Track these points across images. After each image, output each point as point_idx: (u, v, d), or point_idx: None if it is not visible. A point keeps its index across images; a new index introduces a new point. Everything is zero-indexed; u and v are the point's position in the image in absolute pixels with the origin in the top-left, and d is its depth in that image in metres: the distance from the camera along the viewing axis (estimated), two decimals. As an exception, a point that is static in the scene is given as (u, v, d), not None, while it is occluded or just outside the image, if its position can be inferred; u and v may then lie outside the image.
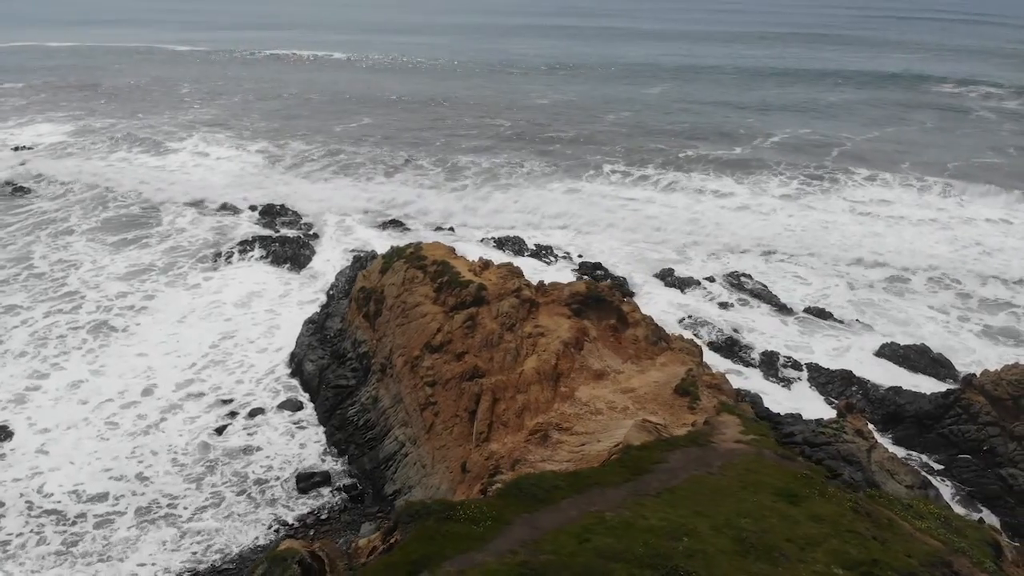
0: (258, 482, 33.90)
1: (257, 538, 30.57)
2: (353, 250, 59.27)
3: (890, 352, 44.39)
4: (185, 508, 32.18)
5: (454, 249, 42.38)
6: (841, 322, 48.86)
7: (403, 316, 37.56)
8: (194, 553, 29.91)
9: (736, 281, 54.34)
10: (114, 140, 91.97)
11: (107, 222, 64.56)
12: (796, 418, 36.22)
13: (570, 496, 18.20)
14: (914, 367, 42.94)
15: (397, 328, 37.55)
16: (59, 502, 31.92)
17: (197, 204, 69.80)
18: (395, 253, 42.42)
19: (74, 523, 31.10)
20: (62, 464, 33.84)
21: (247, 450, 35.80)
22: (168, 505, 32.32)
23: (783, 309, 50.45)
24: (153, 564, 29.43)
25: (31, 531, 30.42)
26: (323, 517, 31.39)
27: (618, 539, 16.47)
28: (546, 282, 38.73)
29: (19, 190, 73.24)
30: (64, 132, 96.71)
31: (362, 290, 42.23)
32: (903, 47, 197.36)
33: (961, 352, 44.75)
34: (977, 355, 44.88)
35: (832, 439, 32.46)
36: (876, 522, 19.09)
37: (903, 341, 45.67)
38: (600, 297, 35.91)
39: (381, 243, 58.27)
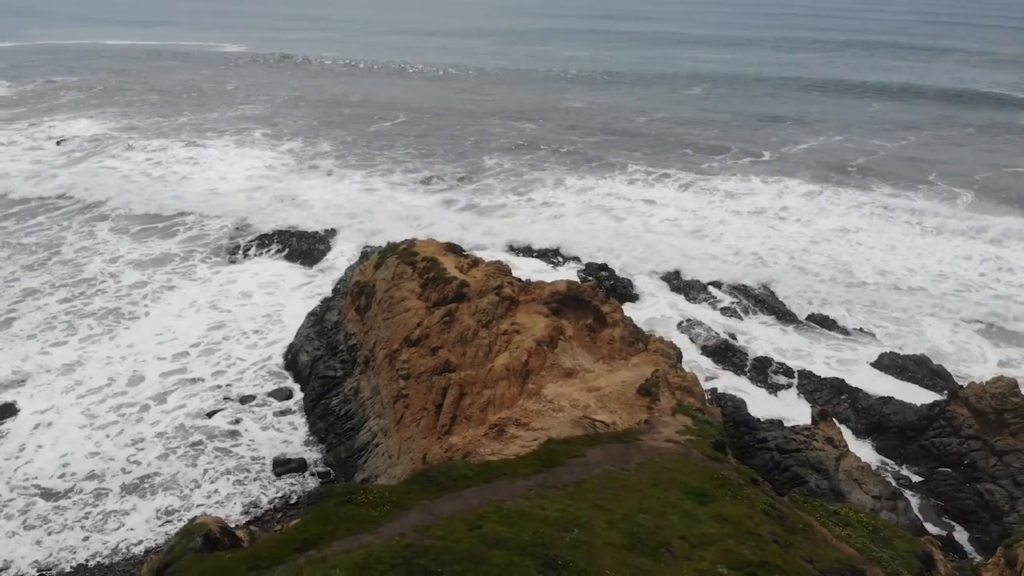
0: (240, 466, 35.02)
1: (229, 517, 31.69)
2: (365, 246, 60.42)
3: (888, 362, 43.52)
4: (168, 488, 33.43)
5: (447, 246, 43.05)
6: (844, 330, 48.12)
7: (389, 310, 38.37)
8: (172, 530, 31.12)
9: (742, 287, 53.77)
10: (155, 134, 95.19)
11: (134, 213, 66.85)
12: (773, 424, 36.04)
13: (476, 485, 18.61)
14: (911, 378, 42.01)
15: (382, 322, 38.37)
16: (48, 479, 33.44)
17: (223, 198, 71.78)
18: (390, 249, 43.29)
19: (64, 497, 32.56)
20: (54, 444, 35.40)
21: (233, 434, 36.98)
22: (153, 484, 33.59)
23: (786, 316, 49.84)
24: (140, 540, 30.71)
25: (20, 499, 31.98)
26: (292, 501, 32.36)
27: (509, 527, 16.85)
28: (546, 282, 38.87)
29: (56, 180, 76.38)
30: (109, 126, 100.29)
31: (357, 284, 43.19)
32: (958, 54, 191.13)
33: (966, 365, 43.66)
34: (983, 370, 43.70)
35: (802, 446, 32.33)
36: (788, 526, 19.05)
37: (905, 352, 44.78)
38: (579, 297, 36.11)
39: (395, 239, 59.27)
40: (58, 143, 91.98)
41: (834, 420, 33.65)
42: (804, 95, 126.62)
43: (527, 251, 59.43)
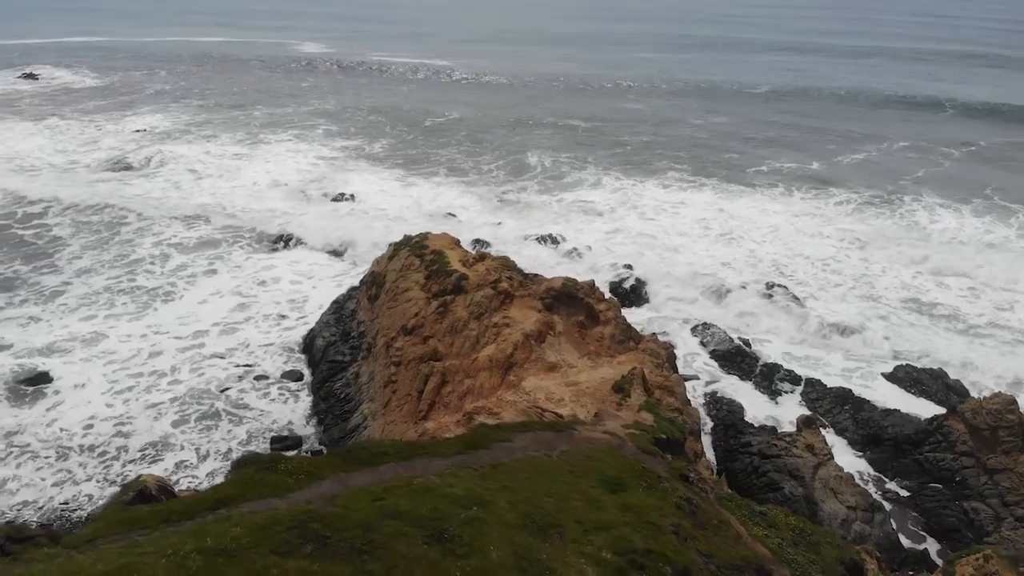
0: (244, 438, 37.05)
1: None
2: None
3: (903, 374, 42.35)
4: (177, 452, 35.76)
5: (458, 241, 44.17)
6: (865, 341, 46.89)
7: (393, 300, 39.76)
8: (177, 489, 33.29)
9: (768, 292, 53.00)
10: (226, 127, 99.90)
11: (194, 201, 70.56)
12: (762, 429, 35.80)
13: (394, 462, 19.51)
14: (925, 391, 40.78)
15: (387, 311, 39.80)
16: (74, 437, 36.19)
17: (276, 189, 74.86)
18: (404, 241, 44.68)
19: (88, 452, 35.29)
20: (81, 407, 38.23)
21: (242, 408, 39.05)
22: (164, 448, 35.90)
23: (807, 323, 48.91)
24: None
25: (50, 451, 34.92)
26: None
27: (410, 501, 17.69)
28: (545, 278, 39.62)
29: (128, 168, 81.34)
30: (185, 119, 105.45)
31: (371, 274, 44.83)
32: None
33: (978, 375, 42.25)
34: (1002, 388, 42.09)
35: (782, 452, 32.14)
36: (699, 521, 19.30)
37: (927, 365, 43.45)
38: (572, 294, 36.66)
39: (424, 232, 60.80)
40: (136, 131, 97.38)
41: (819, 428, 33.27)
42: (873, 106, 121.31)
43: (556, 247, 59.89)
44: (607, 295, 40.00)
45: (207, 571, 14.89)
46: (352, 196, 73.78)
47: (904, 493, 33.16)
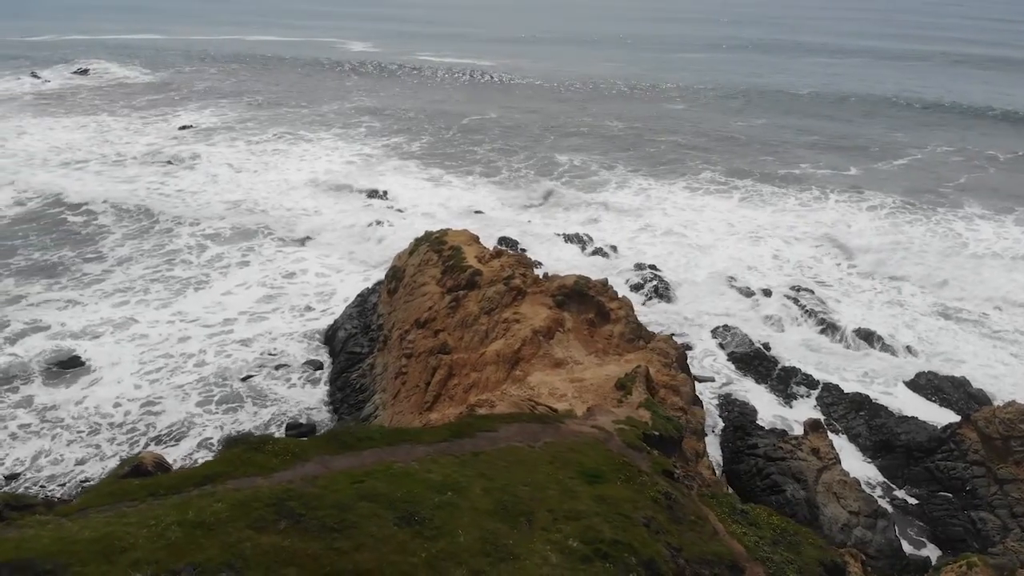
0: (264, 421, 38.31)
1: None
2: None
3: (925, 382, 41.65)
4: (200, 430, 37.22)
5: (477, 237, 44.73)
6: (889, 348, 46.16)
7: (410, 294, 40.55)
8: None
9: (794, 296, 52.50)
10: (270, 124, 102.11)
11: (227, 193, 72.48)
12: (771, 432, 35.62)
13: (378, 447, 20.11)
14: (946, 399, 40.06)
15: (403, 304, 40.60)
16: (104, 415, 37.87)
17: (310, 186, 76.35)
18: (425, 237, 45.45)
19: (117, 428, 36.98)
20: (112, 387, 39.96)
21: (262, 395, 40.26)
22: (187, 427, 37.35)
23: (830, 328, 48.31)
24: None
25: (82, 425, 36.76)
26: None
27: (387, 485, 18.26)
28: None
29: (172, 161, 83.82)
30: (232, 116, 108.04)
31: (392, 269, 45.71)
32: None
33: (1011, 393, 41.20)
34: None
35: (787, 455, 32.00)
36: (675, 516, 19.50)
37: (950, 373, 42.60)
38: (583, 292, 36.94)
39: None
40: (183, 128, 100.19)
41: (827, 432, 32.96)
42: (917, 111, 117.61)
43: (584, 246, 60.09)
44: (620, 294, 40.16)
45: (185, 541, 15.60)
46: (385, 193, 74.87)
47: (912, 501, 32.69)
